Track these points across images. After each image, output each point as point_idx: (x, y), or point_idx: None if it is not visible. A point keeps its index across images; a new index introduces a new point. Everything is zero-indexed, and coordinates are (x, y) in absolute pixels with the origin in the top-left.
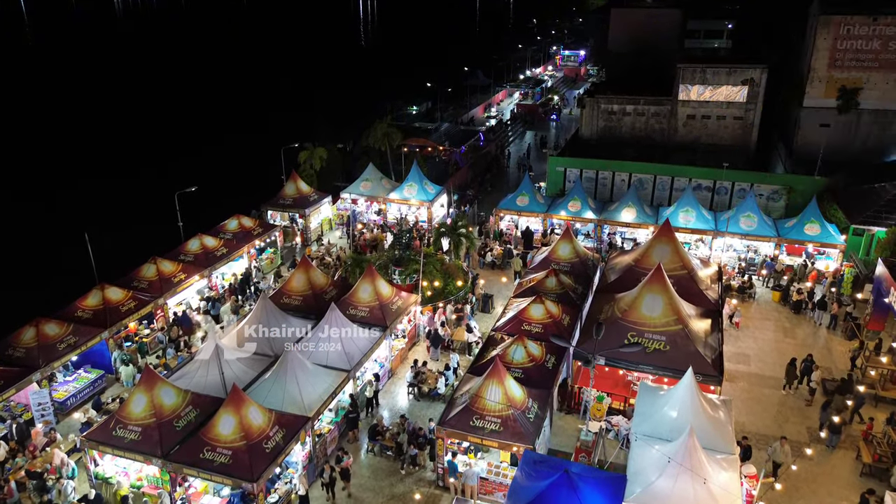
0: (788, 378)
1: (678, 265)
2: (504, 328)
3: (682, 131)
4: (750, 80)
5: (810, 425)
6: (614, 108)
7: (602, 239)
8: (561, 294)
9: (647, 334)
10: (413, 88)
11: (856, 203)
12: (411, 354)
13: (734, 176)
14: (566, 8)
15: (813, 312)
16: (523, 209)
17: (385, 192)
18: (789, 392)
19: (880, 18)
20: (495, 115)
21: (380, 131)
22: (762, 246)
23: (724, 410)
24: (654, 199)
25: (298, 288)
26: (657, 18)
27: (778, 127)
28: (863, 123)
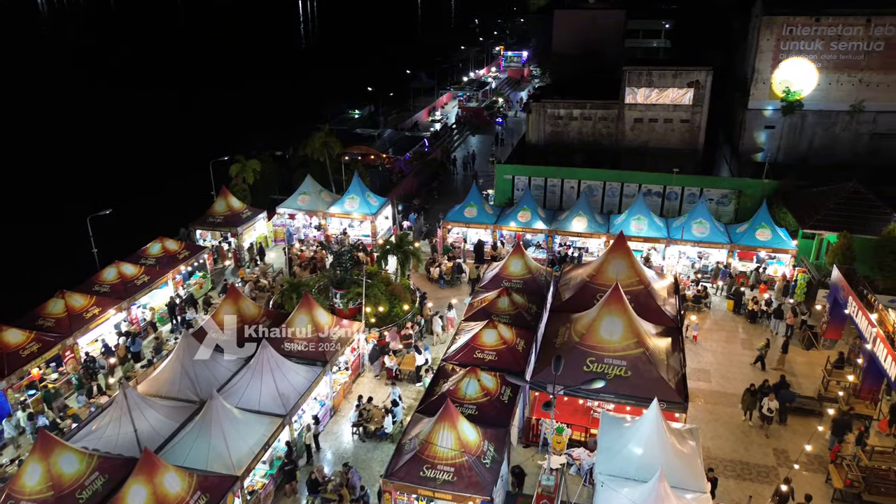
0: (746, 406)
1: (634, 280)
2: (455, 357)
3: (630, 135)
4: (695, 82)
5: (776, 447)
6: (561, 113)
7: (554, 250)
8: (514, 315)
9: (606, 359)
10: (355, 92)
11: (805, 206)
12: (356, 388)
13: (684, 181)
14: (508, 8)
15: (769, 321)
16: (472, 221)
17: (325, 205)
18: (748, 420)
19: (822, 19)
20: (440, 118)
21: (318, 141)
22: (713, 253)
23: (691, 441)
24: (604, 206)
25: (227, 321)
26: (601, 20)
27: (723, 129)
28: (807, 125)
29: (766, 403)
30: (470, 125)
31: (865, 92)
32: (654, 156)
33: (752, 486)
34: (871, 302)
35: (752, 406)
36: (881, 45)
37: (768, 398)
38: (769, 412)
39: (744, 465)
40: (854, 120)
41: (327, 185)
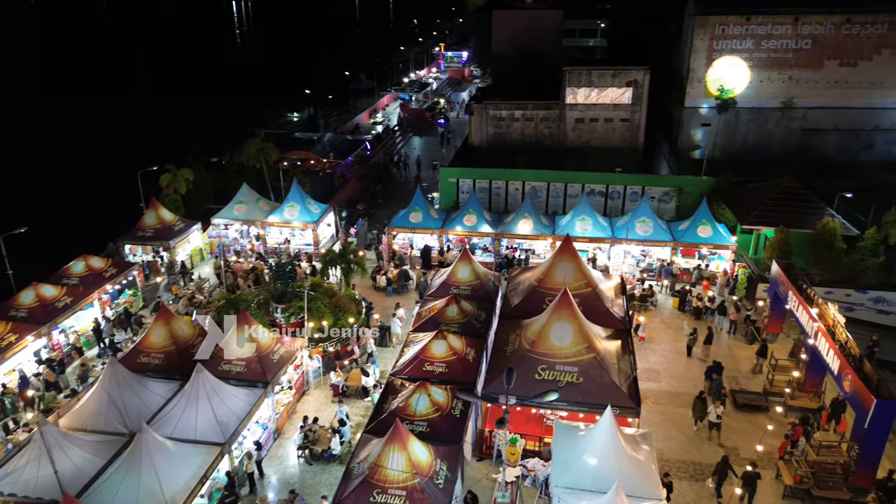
0: (698, 414)
1: (582, 283)
2: (404, 371)
3: (572, 135)
4: (634, 81)
5: (727, 444)
6: (503, 115)
7: (501, 253)
8: (464, 323)
9: (558, 366)
10: (293, 94)
11: (743, 202)
12: (301, 408)
13: (626, 180)
14: (446, 8)
15: (713, 317)
16: (417, 226)
17: (263, 214)
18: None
19: (753, 18)
20: (381, 120)
21: (253, 148)
22: (655, 251)
23: (645, 446)
24: (548, 207)
25: (158, 343)
26: (539, 20)
27: (662, 127)
28: (741, 121)
29: (713, 410)
30: (413, 127)
31: (795, 89)
32: (596, 155)
33: (705, 488)
34: (811, 296)
35: (702, 414)
36: (808, 43)
37: (714, 405)
38: (717, 418)
39: (696, 466)
40: (785, 116)
41: (265, 193)
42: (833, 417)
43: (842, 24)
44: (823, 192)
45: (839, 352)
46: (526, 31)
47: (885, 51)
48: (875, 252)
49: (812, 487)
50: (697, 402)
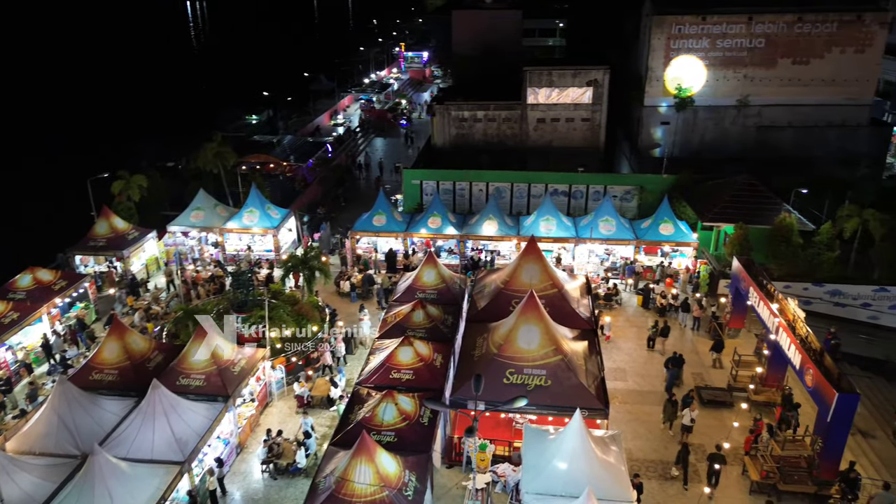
0: (668, 416)
1: (548, 284)
2: (370, 380)
3: (534, 135)
4: (594, 81)
5: (694, 442)
6: (465, 115)
7: (466, 255)
8: (430, 329)
9: (526, 370)
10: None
11: (703, 199)
12: (264, 420)
13: (589, 179)
14: (405, 8)
15: (677, 314)
16: (381, 229)
17: (221, 221)
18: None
19: (708, 17)
20: (342, 122)
21: (209, 152)
22: (618, 249)
23: (615, 448)
24: (512, 208)
25: (112, 359)
26: (499, 19)
27: (622, 126)
28: (699, 120)
29: (687, 413)
30: (374, 128)
31: (750, 87)
32: (559, 155)
33: (675, 486)
34: (772, 292)
35: (672, 416)
36: (762, 42)
37: (690, 408)
38: (691, 422)
39: (665, 465)
40: (741, 114)
41: (223, 199)
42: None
43: (793, 23)
44: (780, 189)
45: (800, 347)
46: (486, 31)
47: (835, 49)
48: (830, 246)
49: (778, 482)
50: (668, 404)
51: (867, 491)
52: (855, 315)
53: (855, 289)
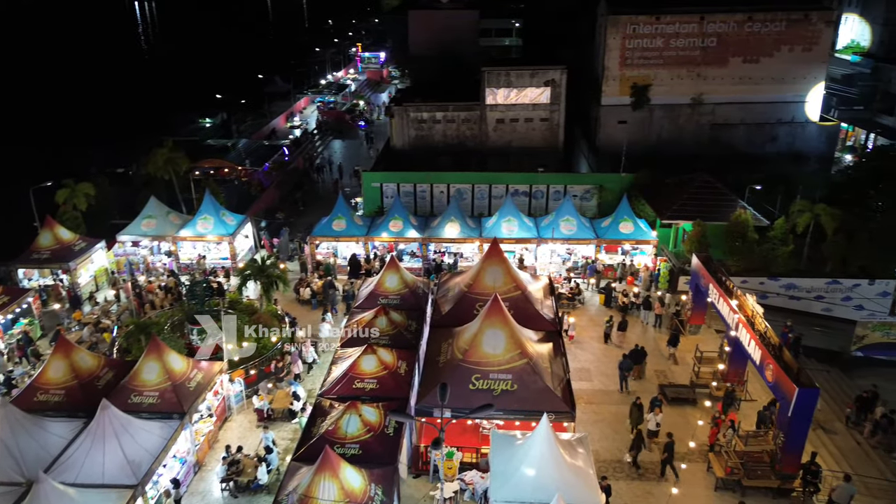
0: (634, 421)
1: (511, 286)
2: (333, 390)
3: (494, 136)
4: (552, 81)
5: (659, 440)
6: (424, 116)
7: (429, 258)
8: (394, 335)
9: (492, 374)
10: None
11: (661, 197)
12: (223, 436)
13: (549, 179)
14: (361, 8)
15: (639, 312)
16: (341, 234)
17: (174, 229)
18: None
19: (662, 17)
20: (299, 124)
21: (160, 158)
22: (580, 248)
23: (582, 451)
24: (474, 209)
25: (58, 379)
26: (455, 19)
27: (580, 125)
28: (655, 118)
29: (652, 418)
30: (332, 130)
31: (704, 85)
32: (519, 155)
33: (642, 486)
34: (731, 288)
35: (639, 420)
36: (714, 41)
37: (654, 413)
38: (657, 426)
39: (632, 465)
40: (695, 112)
41: (176, 206)
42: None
43: (744, 23)
44: (734, 185)
45: (760, 342)
46: (443, 31)
47: (783, 47)
48: (785, 241)
49: (742, 478)
50: (634, 408)
51: (828, 483)
52: (809, 307)
53: (808, 282)
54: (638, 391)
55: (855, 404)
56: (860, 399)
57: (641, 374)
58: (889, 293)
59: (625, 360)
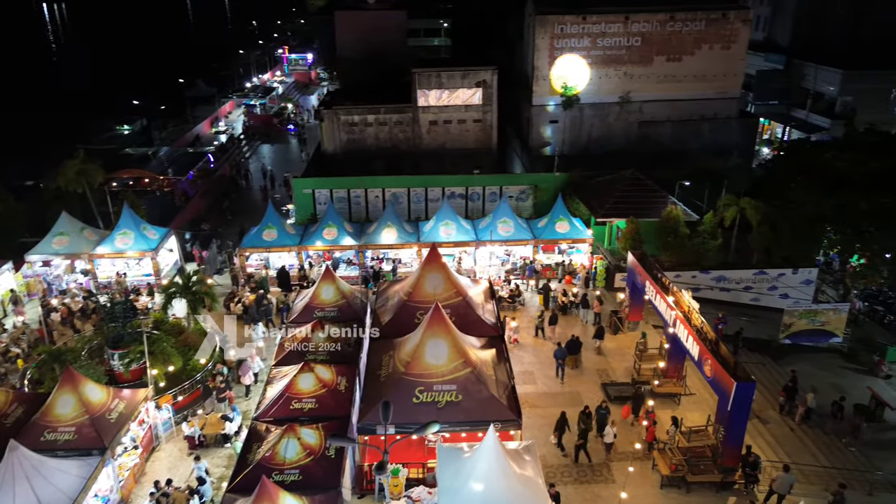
0: (581, 432)
1: (452, 292)
2: (269, 413)
3: (427, 138)
4: (483, 81)
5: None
6: (355, 120)
7: (366, 265)
8: (332, 350)
9: (436, 386)
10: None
11: (594, 196)
12: (151, 468)
13: (484, 181)
14: (287, 9)
15: (578, 311)
16: (272, 244)
17: (90, 246)
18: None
19: (588, 17)
20: (225, 129)
21: (71, 170)
22: (518, 250)
23: (530, 458)
24: (411, 213)
25: None
26: (383, 20)
27: (513, 126)
28: (585, 117)
29: (609, 431)
30: (260, 134)
31: (630, 84)
32: (453, 157)
33: (590, 489)
34: (667, 285)
35: (588, 428)
36: (638, 41)
37: (609, 425)
38: (614, 437)
39: (579, 468)
40: (624, 110)
41: (92, 221)
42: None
43: (666, 22)
44: (663, 181)
45: (697, 338)
46: (370, 32)
47: (704, 46)
48: (714, 235)
49: (686, 474)
50: (583, 416)
51: (767, 473)
52: (738, 298)
53: (737, 273)
54: (575, 383)
55: (784, 392)
56: (787, 388)
57: (577, 363)
58: (812, 281)
59: (560, 350)
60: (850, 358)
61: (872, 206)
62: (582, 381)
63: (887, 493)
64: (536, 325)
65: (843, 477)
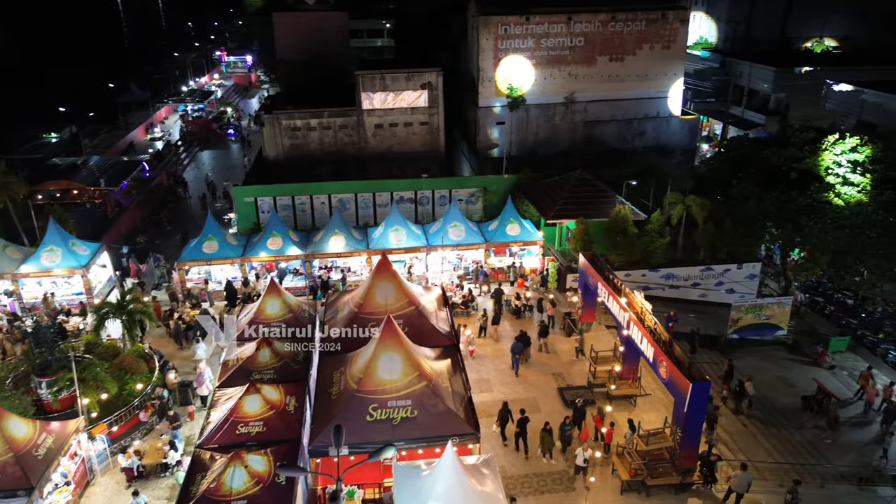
0: (547, 446)
1: (404, 302)
2: (213, 439)
3: (373, 142)
4: (428, 83)
5: None
6: (298, 124)
7: (314, 276)
8: (279, 368)
9: (390, 402)
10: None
11: (543, 197)
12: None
13: (433, 184)
14: (223, 10)
15: (531, 314)
16: (213, 257)
17: (13, 264)
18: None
19: (532, 18)
20: (161, 135)
21: None
22: (470, 254)
23: (489, 472)
24: (359, 220)
25: None
26: (324, 21)
27: (459, 127)
28: (531, 118)
29: (580, 454)
30: (199, 140)
31: (575, 84)
32: (400, 161)
33: (551, 498)
34: (619, 286)
35: (551, 445)
36: (581, 41)
37: (582, 448)
38: (584, 462)
39: (539, 478)
40: (569, 110)
41: (16, 238)
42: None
43: (607, 22)
44: (610, 181)
45: (652, 339)
46: (311, 34)
47: (645, 45)
48: (661, 233)
49: (646, 478)
50: (545, 434)
51: (724, 472)
52: (687, 295)
53: (685, 270)
54: (532, 388)
55: (726, 386)
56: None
57: (527, 357)
58: (756, 275)
59: (516, 344)
60: (795, 350)
61: (810, 200)
62: (538, 387)
63: (837, 484)
64: (480, 325)
65: (796, 471)
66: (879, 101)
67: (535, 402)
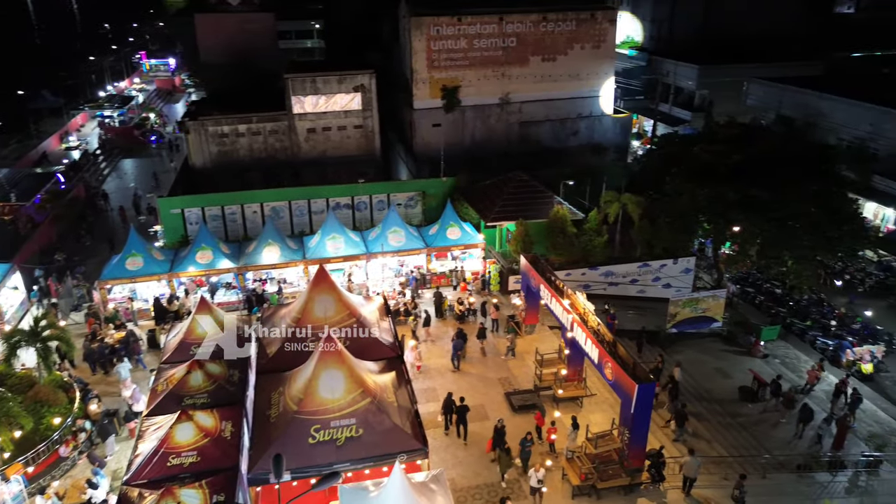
0: (505, 467)
1: (345, 314)
2: (142, 475)
3: (306, 147)
4: (361, 86)
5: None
6: (225, 130)
7: (248, 289)
8: (213, 391)
9: (333, 422)
10: None
11: (483, 200)
12: None
13: (371, 189)
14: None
15: (474, 317)
16: (138, 273)
17: None
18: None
19: (464, 18)
20: (77, 144)
21: None
22: (411, 259)
23: (438, 488)
24: (294, 228)
25: None
26: (250, 23)
27: (395, 130)
28: (467, 119)
29: (533, 475)
30: (120, 148)
31: (509, 85)
32: (335, 166)
33: None
34: (561, 288)
35: (509, 465)
36: (514, 41)
37: (534, 469)
38: (539, 483)
39: (490, 488)
40: (504, 111)
41: None
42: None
43: (539, 23)
44: (546, 181)
45: (596, 341)
46: (236, 36)
47: (576, 45)
48: (599, 231)
49: (596, 481)
50: (502, 455)
51: (671, 468)
52: (626, 291)
53: (623, 268)
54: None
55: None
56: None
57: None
58: (691, 270)
59: (457, 341)
60: (730, 341)
61: (738, 195)
62: (484, 392)
63: (777, 472)
64: (412, 328)
65: (738, 463)
66: (796, 97)
67: (482, 409)
